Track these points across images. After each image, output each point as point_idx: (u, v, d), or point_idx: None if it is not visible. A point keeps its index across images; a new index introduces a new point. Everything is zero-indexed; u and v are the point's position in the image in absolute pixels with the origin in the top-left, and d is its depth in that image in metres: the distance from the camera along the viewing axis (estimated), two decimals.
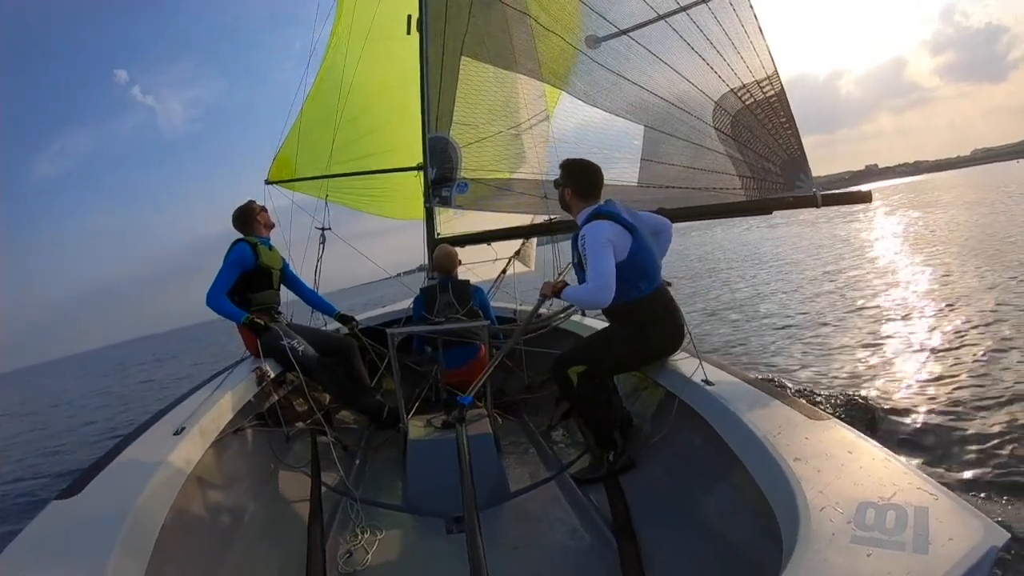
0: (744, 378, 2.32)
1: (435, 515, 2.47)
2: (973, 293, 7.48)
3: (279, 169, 5.50)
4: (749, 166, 3.17)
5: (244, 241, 3.56)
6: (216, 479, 2.43)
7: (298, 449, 3.22)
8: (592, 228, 2.47)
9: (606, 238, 2.42)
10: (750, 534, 1.81)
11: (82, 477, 1.88)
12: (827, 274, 11.28)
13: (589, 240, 2.43)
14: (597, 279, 2.37)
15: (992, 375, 4.45)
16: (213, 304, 3.41)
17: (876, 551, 1.11)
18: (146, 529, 1.64)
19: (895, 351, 5.64)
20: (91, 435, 9.78)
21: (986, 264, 9.35)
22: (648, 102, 3.40)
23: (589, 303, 2.52)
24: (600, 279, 2.37)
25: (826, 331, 6.96)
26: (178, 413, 2.48)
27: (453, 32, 3.87)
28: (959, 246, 12.07)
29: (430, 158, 4.17)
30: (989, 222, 15.77)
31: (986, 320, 6.10)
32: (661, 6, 3.21)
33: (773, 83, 3.02)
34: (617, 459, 2.64)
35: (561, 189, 2.76)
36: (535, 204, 3.94)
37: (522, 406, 3.91)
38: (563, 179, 2.73)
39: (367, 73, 5.35)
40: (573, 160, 2.77)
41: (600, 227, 2.46)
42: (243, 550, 2.23)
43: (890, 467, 1.43)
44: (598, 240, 2.41)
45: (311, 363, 3.45)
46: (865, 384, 4.79)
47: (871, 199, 3.02)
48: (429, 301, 3.87)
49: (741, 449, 1.84)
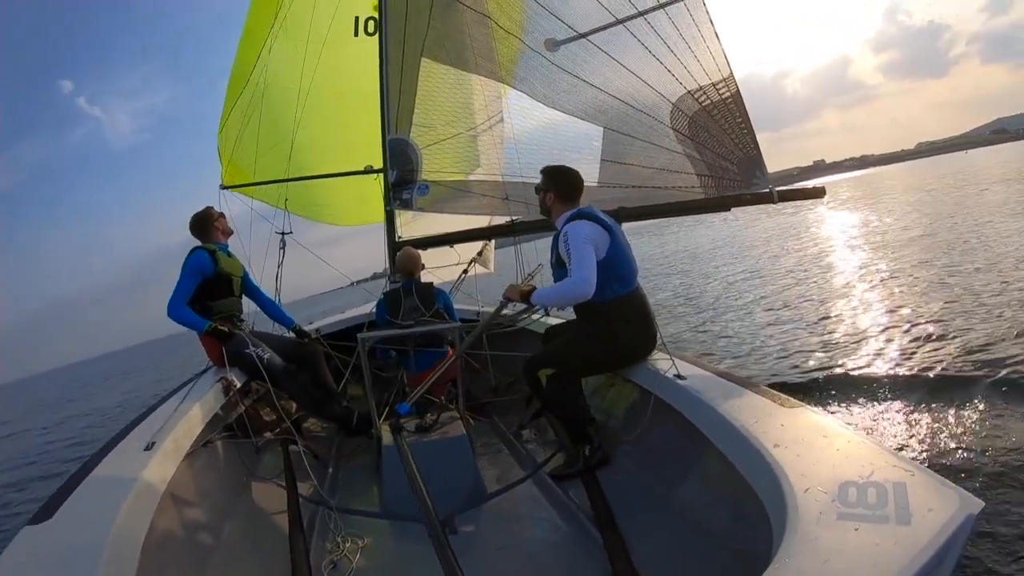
0: (715, 371, 2.37)
1: (414, 520, 2.44)
2: (926, 274, 7.88)
3: (232, 174, 5.34)
4: (707, 165, 3.24)
5: (202, 248, 3.46)
6: (191, 495, 2.37)
7: (269, 460, 3.15)
8: (574, 227, 2.55)
9: (587, 236, 2.50)
10: (733, 519, 1.85)
11: (53, 499, 1.79)
12: (786, 268, 11.62)
13: (572, 237, 2.50)
14: (580, 271, 2.43)
15: (949, 351, 4.68)
16: (174, 315, 3.31)
17: (862, 525, 1.16)
18: (126, 552, 1.58)
19: (854, 333, 5.86)
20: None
21: (940, 247, 9.81)
22: (607, 104, 3.45)
23: (570, 297, 2.53)
24: (583, 271, 2.43)
25: (787, 316, 7.20)
26: (146, 427, 2.40)
27: (413, 33, 3.85)
28: (910, 232, 12.63)
29: (390, 160, 4.13)
30: (937, 209, 16.48)
31: (941, 297, 6.43)
32: (619, 11, 3.26)
33: (729, 85, 3.09)
34: (593, 454, 2.66)
35: (543, 194, 2.84)
36: (496, 205, 3.95)
37: (491, 407, 3.90)
38: (545, 184, 2.82)
39: (323, 76, 5.21)
40: (555, 166, 2.86)
41: (581, 226, 2.54)
42: (226, 565, 2.17)
43: (865, 448, 1.48)
44: (580, 237, 2.49)
45: (277, 371, 3.37)
46: (828, 367, 4.96)
47: (824, 194, 3.13)
48: (393, 305, 3.81)
49: (720, 439, 1.87)
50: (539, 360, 2.74)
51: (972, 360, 4.36)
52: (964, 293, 6.39)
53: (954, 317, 5.55)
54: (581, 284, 2.43)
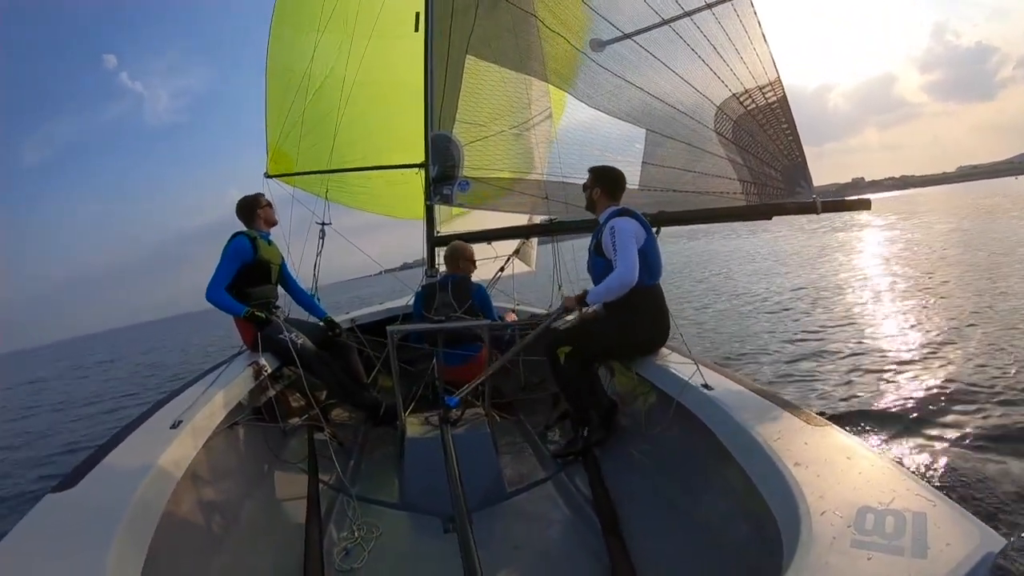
0: (743, 383, 2.33)
1: (432, 513, 2.46)
2: (968, 299, 7.64)
3: (277, 163, 5.45)
4: (750, 171, 3.20)
5: (243, 234, 3.53)
6: (213, 474, 2.41)
7: (294, 445, 3.20)
8: (621, 222, 2.82)
9: (632, 231, 2.78)
10: (747, 536, 1.82)
11: (77, 470, 1.86)
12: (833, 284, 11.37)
13: (619, 231, 2.77)
14: (625, 262, 2.70)
15: (987, 381, 4.51)
16: (213, 297, 3.38)
17: (876, 555, 1.13)
18: (143, 524, 1.62)
19: (890, 358, 5.69)
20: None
21: (983, 274, 9.49)
22: (650, 106, 3.43)
23: (620, 286, 2.73)
24: (629, 261, 2.70)
25: (822, 337, 7.04)
26: (174, 407, 2.45)
27: (459, 30, 3.88)
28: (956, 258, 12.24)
29: (432, 156, 4.17)
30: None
31: (981, 323, 6.21)
32: (665, 11, 3.24)
33: (775, 89, 3.05)
34: (591, 435, 2.89)
35: (589, 191, 3.08)
36: (536, 204, 3.96)
37: (518, 406, 3.91)
38: (592, 182, 3.07)
39: (372, 70, 5.30)
40: (601, 165, 3.11)
41: (627, 222, 2.82)
42: (240, 545, 2.21)
43: (888, 473, 1.45)
44: (627, 231, 2.77)
45: (310, 357, 3.43)
46: (861, 390, 4.83)
47: (870, 206, 3.06)
48: (428, 299, 3.85)
49: (740, 453, 1.85)
50: (558, 338, 3.02)
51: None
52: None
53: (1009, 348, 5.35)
54: (627, 273, 2.68)
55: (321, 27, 5.20)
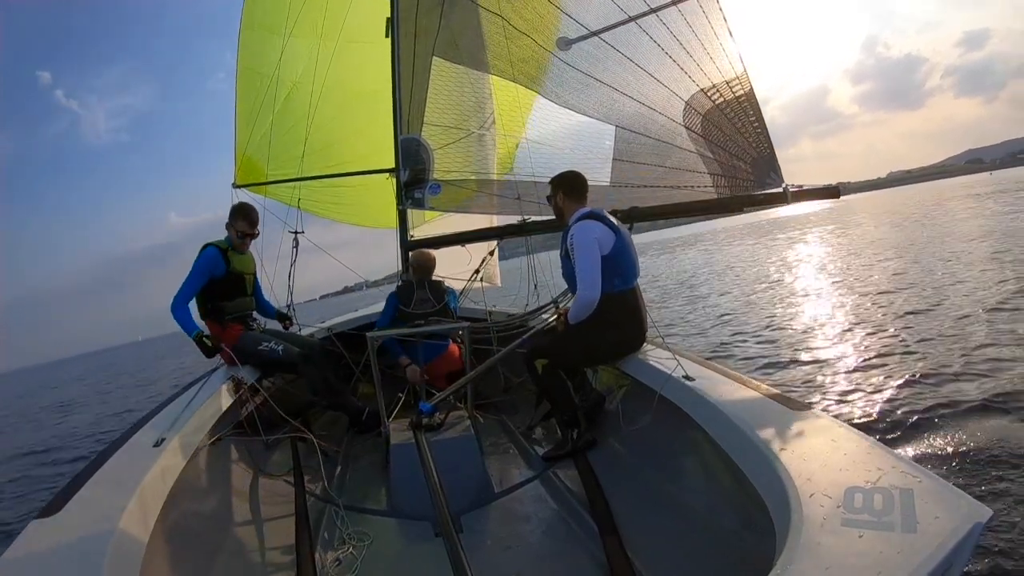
0: (723, 372, 2.35)
1: (421, 518, 2.47)
2: (927, 287, 7.88)
3: (246, 172, 5.35)
4: (720, 164, 3.21)
5: (213, 245, 3.45)
6: (199, 491, 2.40)
7: (277, 457, 3.18)
8: (581, 227, 2.77)
9: (594, 237, 2.72)
10: (738, 523, 1.84)
11: (62, 494, 1.81)
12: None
13: (578, 238, 2.73)
14: (584, 279, 2.68)
15: (963, 359, 4.64)
16: (174, 311, 3.29)
17: (867, 532, 1.14)
18: (133, 546, 1.59)
19: (865, 342, 5.79)
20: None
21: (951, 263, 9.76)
22: (619, 102, 3.43)
23: (584, 308, 2.72)
24: (587, 279, 2.68)
25: (797, 324, 7.13)
26: (156, 424, 2.44)
27: (424, 33, 3.86)
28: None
29: (402, 160, 4.14)
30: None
31: (945, 305, 6.42)
32: (631, 8, 3.25)
33: (742, 82, 3.06)
34: (580, 437, 2.85)
35: (553, 200, 3.09)
36: (507, 205, 3.94)
37: (501, 406, 3.90)
38: (553, 189, 3.09)
39: (341, 75, 5.26)
40: (558, 174, 3.11)
41: (588, 226, 2.77)
42: (232, 561, 2.18)
43: (873, 452, 1.46)
44: (585, 243, 2.71)
45: (295, 360, 3.39)
46: (842, 374, 4.89)
47: (839, 195, 3.08)
48: (406, 295, 3.95)
49: (726, 441, 1.86)
50: (535, 350, 2.98)
51: (994, 367, 4.29)
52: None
53: (980, 324, 5.47)
54: (588, 292, 2.68)
55: (288, 31, 5.14)
